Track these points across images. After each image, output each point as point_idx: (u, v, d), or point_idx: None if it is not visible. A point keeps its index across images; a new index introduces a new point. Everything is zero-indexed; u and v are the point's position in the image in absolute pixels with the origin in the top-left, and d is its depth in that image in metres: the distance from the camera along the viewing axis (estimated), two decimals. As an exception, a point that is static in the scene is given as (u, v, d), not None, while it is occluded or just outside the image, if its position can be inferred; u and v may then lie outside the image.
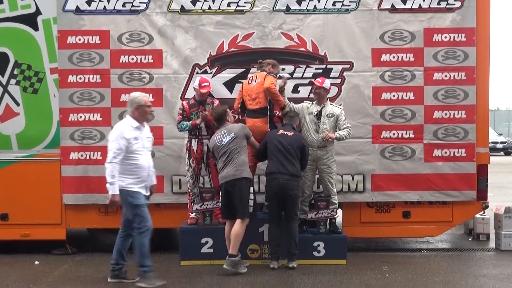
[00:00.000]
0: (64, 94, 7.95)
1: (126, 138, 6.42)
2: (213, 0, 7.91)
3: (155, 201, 7.92)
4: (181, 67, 7.95)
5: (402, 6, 7.92)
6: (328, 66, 7.94)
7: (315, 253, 7.52)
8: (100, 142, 7.96)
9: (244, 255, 7.47)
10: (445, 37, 7.95)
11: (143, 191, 6.60)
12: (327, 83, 7.61)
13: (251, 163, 7.59)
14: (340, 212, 8.18)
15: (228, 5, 7.91)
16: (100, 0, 7.91)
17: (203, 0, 7.91)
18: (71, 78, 7.94)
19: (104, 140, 7.87)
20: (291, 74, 7.94)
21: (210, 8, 7.91)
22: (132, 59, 7.94)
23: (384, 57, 7.95)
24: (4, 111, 8.04)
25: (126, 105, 7.70)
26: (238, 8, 7.91)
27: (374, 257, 7.96)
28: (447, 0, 7.93)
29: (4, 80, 8.01)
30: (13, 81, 8.00)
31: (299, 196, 7.46)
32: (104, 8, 7.90)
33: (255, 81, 7.52)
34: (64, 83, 7.94)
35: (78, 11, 7.91)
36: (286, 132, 7.31)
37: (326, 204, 7.55)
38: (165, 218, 8.02)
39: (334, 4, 7.91)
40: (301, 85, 7.94)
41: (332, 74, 7.93)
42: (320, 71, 7.93)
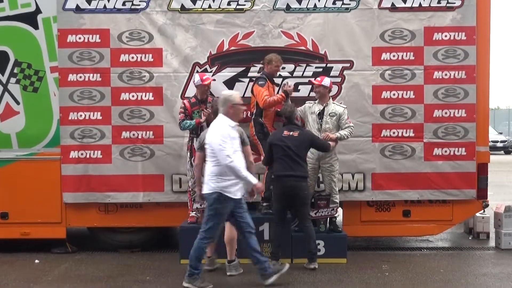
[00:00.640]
0: (64, 93, 7.95)
1: (231, 137, 6.31)
2: (213, -1, 7.91)
3: (155, 200, 8.01)
4: (181, 66, 7.94)
5: (402, 5, 7.91)
6: (328, 65, 7.93)
7: (316, 252, 7.51)
8: (100, 141, 7.97)
9: (245, 254, 7.46)
10: (445, 36, 7.94)
11: (239, 193, 6.43)
12: (327, 81, 7.59)
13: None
14: (340, 211, 8.18)
15: (228, 4, 7.91)
16: (100, -1, 7.90)
17: (203, -1, 7.90)
18: (71, 77, 7.93)
19: (105, 139, 7.95)
20: (291, 73, 7.94)
21: (210, 7, 7.90)
22: (132, 58, 7.93)
23: (384, 56, 7.95)
24: (4, 110, 8.03)
25: (125, 104, 7.92)
26: (238, 7, 7.90)
27: (374, 256, 7.95)
28: (447, -1, 7.93)
29: (4, 79, 8.01)
30: (13, 80, 8.00)
31: (310, 195, 7.44)
32: (104, 7, 7.90)
33: None
34: (64, 82, 7.93)
35: (78, 10, 7.90)
36: (291, 133, 7.16)
37: (326, 203, 7.54)
38: (165, 217, 8.05)
39: (334, 3, 7.91)
40: (301, 84, 7.93)
41: (332, 73, 7.92)
42: (320, 70, 7.92)
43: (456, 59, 7.95)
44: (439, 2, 7.92)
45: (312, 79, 7.69)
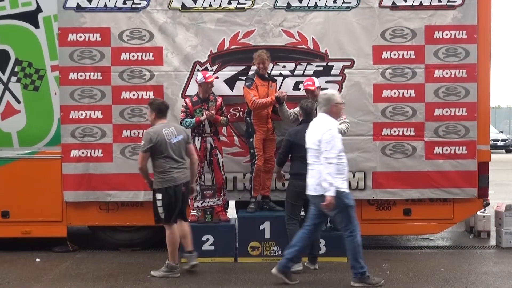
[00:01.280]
0: (65, 92, 7.94)
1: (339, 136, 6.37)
2: (214, -2, 7.91)
3: (156, 199, 7.99)
4: (182, 65, 7.94)
5: (403, 4, 7.89)
6: (329, 64, 7.92)
7: (316, 251, 7.51)
8: (101, 140, 7.96)
9: (246, 253, 7.51)
10: (446, 35, 7.92)
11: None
12: (317, 81, 7.59)
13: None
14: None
15: (229, 3, 7.90)
16: (101, -3, 7.90)
17: (204, -2, 7.90)
18: (72, 76, 7.92)
19: (105, 138, 7.95)
20: (292, 72, 7.92)
21: (211, 6, 7.89)
22: (133, 57, 7.93)
23: (385, 55, 7.93)
24: (5, 109, 8.03)
25: (126, 103, 7.92)
26: (239, 6, 7.89)
27: (375, 255, 7.92)
28: (448, -2, 7.92)
29: (5, 78, 8.00)
30: (14, 79, 7.99)
31: None
32: (105, 6, 7.89)
33: None
34: (65, 81, 7.93)
35: (79, 9, 7.89)
36: None
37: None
38: (166, 216, 8.03)
39: (335, 2, 7.89)
40: (302, 83, 7.84)
41: (333, 72, 7.92)
42: (321, 69, 7.91)
43: (457, 58, 7.93)
44: (440, 1, 7.90)
45: (307, 86, 7.54)
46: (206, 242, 7.53)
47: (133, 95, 7.95)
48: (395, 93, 7.96)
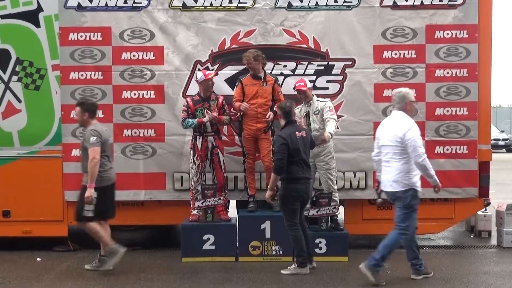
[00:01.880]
0: (66, 91, 7.94)
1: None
2: (215, -3, 7.91)
3: (156, 198, 8.01)
4: (183, 64, 7.93)
5: (404, 3, 7.89)
6: (330, 63, 7.91)
7: (317, 250, 7.51)
8: (102, 139, 7.97)
9: (246, 252, 7.51)
10: (447, 34, 7.92)
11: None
12: (308, 82, 7.58)
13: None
14: (342, 209, 8.17)
15: (230, 2, 7.90)
16: (102, -3, 7.90)
17: (205, -3, 7.90)
18: (73, 75, 7.93)
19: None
20: (293, 71, 7.93)
21: (212, 5, 7.89)
22: (134, 56, 7.93)
23: (386, 54, 7.92)
24: (6, 108, 8.03)
25: (127, 102, 7.89)
26: (240, 5, 7.88)
27: (376, 254, 7.95)
28: (449, -3, 7.90)
29: (6, 77, 8.00)
30: (15, 78, 7.99)
31: None
32: (106, 5, 7.89)
33: None
34: (66, 80, 7.93)
35: (80, 8, 7.89)
36: (301, 134, 6.98)
37: (328, 201, 7.52)
38: (167, 215, 8.05)
39: (336, 1, 7.89)
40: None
41: (334, 71, 7.92)
42: (322, 68, 7.91)
43: (458, 57, 7.92)
44: (441, 0, 7.90)
45: (298, 87, 7.53)
46: (207, 242, 7.53)
47: (134, 95, 7.95)
48: (396, 93, 7.94)
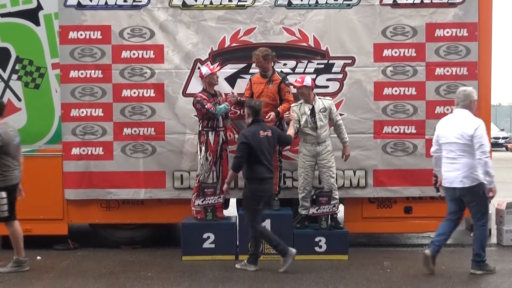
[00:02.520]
0: (66, 89, 7.94)
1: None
2: (215, -5, 7.89)
3: (157, 197, 8.02)
4: (183, 62, 7.93)
5: (404, 1, 7.88)
6: (330, 61, 7.90)
7: (317, 249, 7.52)
8: (102, 138, 7.98)
9: (246, 250, 7.44)
10: (447, 32, 7.91)
11: None
12: (308, 81, 7.52)
13: None
14: (342, 208, 8.16)
15: (230, 0, 7.89)
16: (102, -5, 7.89)
17: (205, -5, 7.89)
18: (73, 73, 7.92)
19: (106, 136, 7.96)
20: (293, 69, 7.92)
21: (212, 3, 7.87)
22: (134, 54, 7.92)
23: (386, 52, 7.92)
24: (6, 107, 7.99)
25: (126, 101, 7.92)
26: (240, 3, 7.87)
27: (376, 253, 7.95)
28: (449, -5, 7.89)
29: (6, 76, 7.99)
30: (15, 77, 7.98)
31: None
32: (106, 3, 7.88)
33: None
34: (66, 78, 7.93)
35: (80, 6, 7.88)
36: (266, 133, 6.96)
37: (328, 200, 7.52)
38: (167, 213, 8.06)
39: (336, -1, 7.90)
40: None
41: (334, 69, 7.90)
42: (322, 66, 7.90)
43: (458, 56, 7.92)
44: (441, -2, 7.89)
45: (293, 82, 7.60)
46: (207, 240, 7.52)
47: (134, 93, 7.95)
48: (396, 91, 7.95)
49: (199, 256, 7.45)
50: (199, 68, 7.80)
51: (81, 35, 7.91)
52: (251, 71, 7.85)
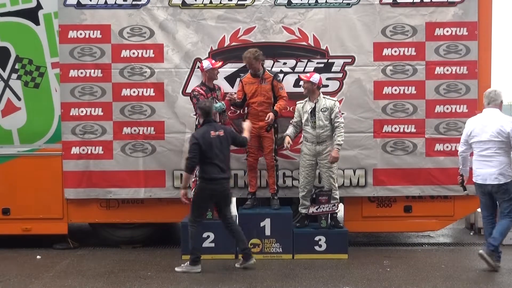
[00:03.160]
0: (66, 89, 7.93)
1: None
2: (214, -6, 7.89)
3: (156, 196, 8.01)
4: (183, 62, 7.92)
5: (404, 0, 7.88)
6: (330, 61, 7.90)
7: (317, 248, 7.53)
8: (102, 137, 7.97)
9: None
10: (447, 31, 7.91)
11: None
12: (316, 78, 7.50)
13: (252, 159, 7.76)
14: (342, 207, 8.15)
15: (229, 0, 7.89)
16: (101, -6, 7.89)
17: (204, -6, 7.88)
18: (73, 73, 7.92)
19: (106, 135, 7.95)
20: (293, 68, 7.92)
21: (211, 2, 7.87)
22: (133, 54, 7.91)
23: (386, 51, 7.92)
24: (6, 106, 8.01)
25: (126, 100, 7.90)
26: (240, 2, 7.87)
27: (376, 252, 7.96)
28: (449, -6, 7.89)
29: (6, 75, 7.99)
30: (14, 76, 7.98)
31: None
32: (105, 3, 7.88)
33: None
34: (66, 78, 7.92)
35: (79, 6, 7.88)
36: (218, 133, 6.93)
37: (328, 199, 7.52)
38: (167, 213, 8.05)
39: (336, -2, 7.90)
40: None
41: (334, 69, 7.89)
42: (322, 66, 7.89)
43: (458, 55, 7.92)
44: (441, -3, 7.89)
45: (301, 74, 7.63)
46: (207, 239, 7.53)
47: (134, 92, 7.95)
48: (396, 90, 7.95)
49: None
50: (201, 61, 7.77)
51: (81, 34, 7.91)
52: (248, 72, 7.80)
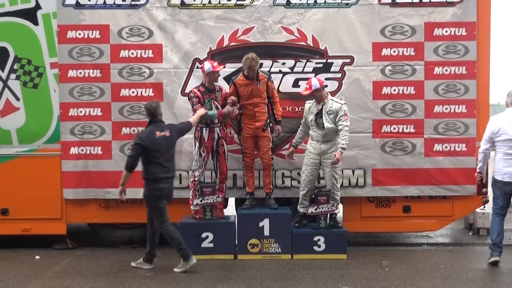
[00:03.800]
0: (64, 89, 7.93)
1: None
2: (213, -6, 7.88)
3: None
4: (181, 62, 7.92)
5: (403, 0, 7.89)
6: (329, 61, 7.90)
7: (315, 248, 7.53)
8: (100, 137, 7.97)
9: (245, 250, 7.51)
10: (446, 31, 7.91)
11: None
12: (315, 83, 7.46)
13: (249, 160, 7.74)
14: (341, 207, 8.15)
15: (228, 0, 7.88)
16: (100, -5, 7.88)
17: (203, -6, 7.87)
18: (71, 73, 7.92)
19: (105, 135, 7.94)
20: (292, 69, 7.92)
21: (210, 2, 7.87)
22: (132, 54, 7.91)
23: (385, 52, 7.92)
24: (4, 106, 8.01)
25: (125, 100, 7.91)
26: (238, 2, 7.87)
27: (375, 252, 7.96)
28: (448, -6, 7.88)
29: (4, 75, 7.98)
30: (13, 76, 7.97)
31: None
32: (104, 3, 7.88)
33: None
34: (64, 78, 7.92)
35: (78, 6, 7.88)
36: (164, 133, 6.93)
37: (327, 199, 7.52)
38: (166, 213, 8.04)
39: (335, -2, 7.89)
40: (302, 80, 7.89)
41: (333, 69, 7.90)
42: (321, 66, 7.90)
43: (457, 55, 7.92)
44: (440, -2, 7.89)
45: (302, 91, 7.60)
46: (206, 240, 7.53)
47: (133, 93, 7.95)
48: (395, 90, 7.95)
49: (198, 256, 7.29)
50: (203, 62, 7.75)
51: (80, 35, 7.90)
52: (240, 74, 7.76)
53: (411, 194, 8.06)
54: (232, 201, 8.53)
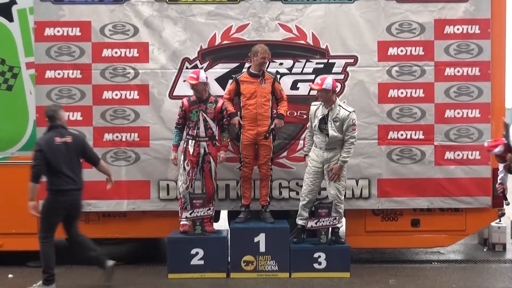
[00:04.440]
0: (41, 91, 7.65)
1: None
2: (205, -11, 7.68)
3: (140, 208, 7.69)
4: (169, 62, 7.63)
5: (411, -5, 7.73)
6: (330, 61, 7.63)
7: (316, 265, 7.22)
8: (80, 144, 7.60)
9: (239, 268, 7.22)
10: (458, 29, 7.67)
11: None
12: (328, 83, 7.13)
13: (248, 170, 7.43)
14: (343, 220, 7.81)
15: (221, -6, 7.68)
16: (81, -11, 7.68)
17: (194, -11, 7.68)
18: (49, 74, 7.64)
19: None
20: (290, 69, 7.63)
21: (201, -3, 7.69)
22: (116, 53, 7.63)
23: (391, 51, 7.66)
24: None
25: (108, 104, 7.60)
26: (232, -3, 7.70)
27: (380, 269, 7.68)
28: (460, -11, 7.72)
29: (-24, 76, 7.74)
30: (-15, 77, 7.74)
31: None
32: (86, -3, 7.69)
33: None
34: (41, 79, 7.65)
35: (57, 1, 7.61)
36: (64, 139, 6.52)
37: (328, 212, 7.20)
38: (152, 227, 7.75)
39: (337, -7, 7.71)
40: (301, 81, 7.62)
41: (335, 69, 7.63)
42: (321, 66, 7.62)
43: (469, 55, 7.68)
44: (451, -8, 7.72)
45: (311, 84, 7.33)
46: (196, 256, 7.20)
47: (116, 95, 7.66)
48: (402, 93, 7.69)
49: (187, 274, 7.13)
50: (187, 68, 7.53)
51: (58, 32, 7.63)
52: (244, 71, 7.52)
53: (420, 207, 7.78)
54: (225, 214, 8.19)
